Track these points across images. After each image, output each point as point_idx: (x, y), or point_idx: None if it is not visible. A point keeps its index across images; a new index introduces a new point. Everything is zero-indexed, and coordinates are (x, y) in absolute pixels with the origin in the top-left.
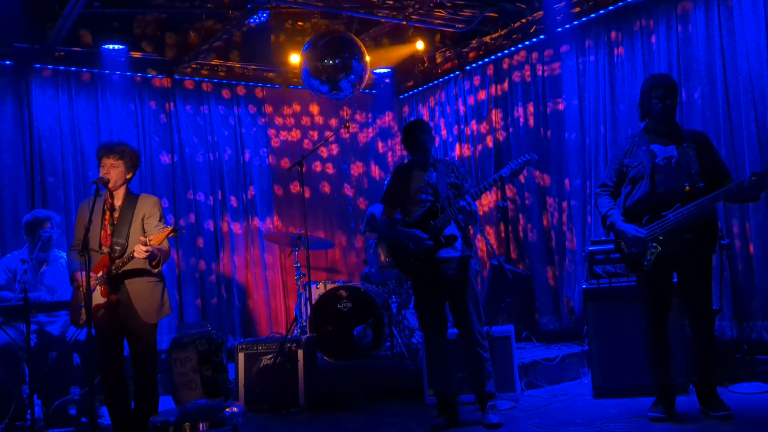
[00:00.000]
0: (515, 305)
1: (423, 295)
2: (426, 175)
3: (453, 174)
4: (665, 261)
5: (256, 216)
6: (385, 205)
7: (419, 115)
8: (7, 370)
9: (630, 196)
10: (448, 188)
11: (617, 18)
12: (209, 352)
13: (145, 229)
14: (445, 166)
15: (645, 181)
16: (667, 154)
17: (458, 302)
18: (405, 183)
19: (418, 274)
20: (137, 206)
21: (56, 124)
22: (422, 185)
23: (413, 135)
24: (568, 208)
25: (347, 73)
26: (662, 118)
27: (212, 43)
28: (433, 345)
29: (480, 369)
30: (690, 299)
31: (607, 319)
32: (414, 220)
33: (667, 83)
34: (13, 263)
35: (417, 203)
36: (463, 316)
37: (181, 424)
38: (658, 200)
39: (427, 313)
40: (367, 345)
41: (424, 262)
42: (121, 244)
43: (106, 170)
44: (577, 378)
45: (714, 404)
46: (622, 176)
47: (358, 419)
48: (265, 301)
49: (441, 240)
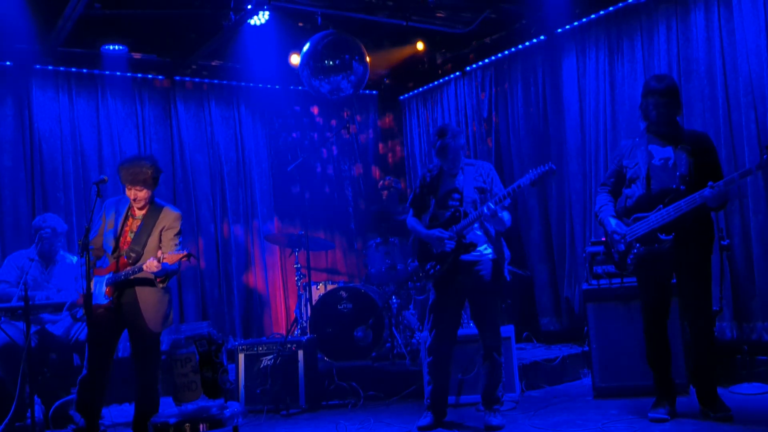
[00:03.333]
0: (515, 306)
1: (441, 297)
2: (454, 179)
3: (481, 177)
4: (656, 261)
5: (256, 217)
6: (413, 209)
7: (419, 116)
8: (8, 370)
9: (629, 198)
10: (474, 192)
11: (617, 19)
12: (210, 353)
13: (162, 240)
14: (474, 169)
15: (641, 182)
16: (664, 156)
17: (480, 307)
18: (433, 187)
19: (440, 278)
20: (159, 218)
21: (56, 125)
22: (449, 189)
23: (441, 141)
24: (569, 209)
25: (347, 74)
26: (658, 122)
27: (212, 44)
28: (440, 346)
29: (496, 374)
30: (687, 300)
31: (607, 319)
32: (440, 224)
33: (662, 90)
34: (21, 261)
35: (445, 207)
36: (483, 321)
37: (181, 424)
38: (654, 201)
39: (442, 317)
40: (367, 346)
41: (445, 265)
42: (137, 251)
43: (133, 195)
44: (578, 379)
45: (714, 405)
46: (621, 177)
47: (359, 420)
48: (265, 302)
49: (462, 244)
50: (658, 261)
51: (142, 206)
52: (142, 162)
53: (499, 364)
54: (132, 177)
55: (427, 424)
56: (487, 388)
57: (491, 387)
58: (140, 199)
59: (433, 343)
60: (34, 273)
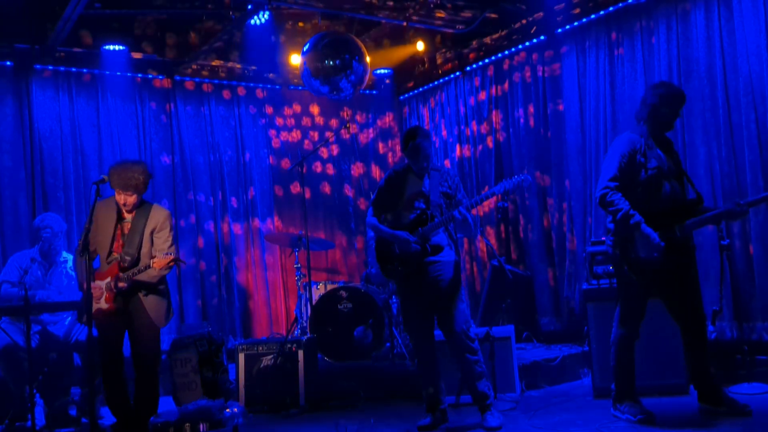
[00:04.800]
0: (515, 306)
1: (409, 300)
2: (420, 182)
3: (446, 183)
4: (664, 269)
5: (256, 217)
6: (374, 208)
7: (420, 115)
8: (9, 370)
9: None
10: (440, 197)
11: (617, 19)
12: (210, 353)
13: (154, 242)
14: (439, 174)
15: (665, 186)
16: (670, 162)
17: (443, 307)
18: (399, 188)
19: (404, 279)
20: (149, 218)
21: (56, 125)
22: (416, 192)
23: (413, 142)
24: (569, 209)
25: (347, 74)
26: (668, 128)
27: (213, 44)
28: (420, 349)
29: (470, 370)
30: (687, 302)
31: (607, 319)
32: (403, 225)
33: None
34: (24, 261)
35: (409, 209)
36: (446, 320)
37: (181, 424)
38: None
39: (413, 319)
40: (367, 346)
41: (410, 267)
42: (131, 255)
43: (122, 200)
44: (578, 379)
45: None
46: (635, 174)
47: (359, 420)
48: (265, 302)
49: (427, 248)
50: (673, 267)
51: (130, 210)
52: (134, 168)
53: (471, 361)
54: (124, 183)
55: (427, 425)
56: (471, 388)
57: (473, 384)
58: (129, 203)
59: (414, 347)
60: (36, 273)
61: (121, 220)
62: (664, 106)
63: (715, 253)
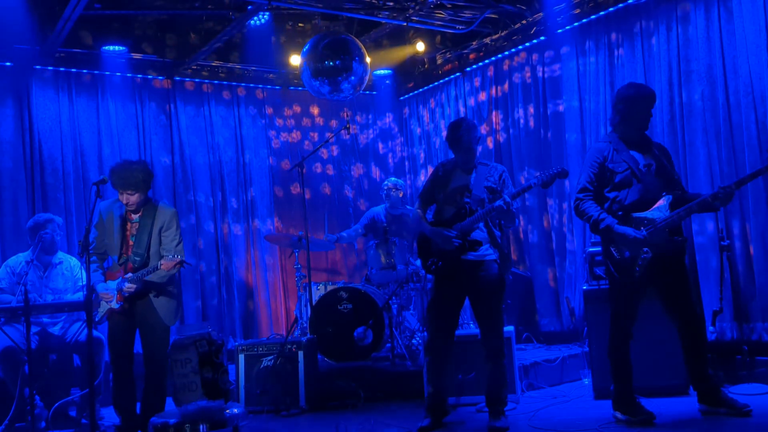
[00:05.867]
0: (516, 306)
1: (441, 295)
2: (466, 176)
3: (492, 178)
4: (653, 267)
5: (256, 217)
6: (420, 201)
7: (420, 116)
8: (8, 371)
9: (616, 202)
10: (484, 191)
11: (617, 19)
12: (210, 354)
13: (162, 241)
14: (486, 169)
15: (634, 187)
16: (646, 162)
17: (484, 308)
18: (444, 181)
19: (440, 274)
20: (156, 217)
21: (56, 126)
22: (460, 186)
23: (456, 134)
24: (569, 209)
25: (347, 75)
26: (641, 128)
27: (213, 45)
28: (437, 346)
29: (500, 376)
30: (681, 302)
31: (607, 320)
32: (445, 219)
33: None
34: (17, 266)
35: (452, 203)
36: (488, 323)
37: (181, 425)
38: (646, 206)
39: (440, 314)
40: (367, 346)
41: (448, 262)
42: (140, 255)
43: (125, 200)
44: (578, 379)
45: (725, 402)
46: (604, 180)
47: (359, 420)
48: (265, 303)
49: (465, 243)
50: (662, 265)
51: (136, 209)
52: (134, 166)
53: (503, 366)
54: (123, 181)
55: (427, 425)
56: (492, 391)
57: (496, 389)
58: (132, 202)
59: (431, 342)
60: (32, 277)
61: (129, 221)
62: (635, 107)
63: (715, 253)
